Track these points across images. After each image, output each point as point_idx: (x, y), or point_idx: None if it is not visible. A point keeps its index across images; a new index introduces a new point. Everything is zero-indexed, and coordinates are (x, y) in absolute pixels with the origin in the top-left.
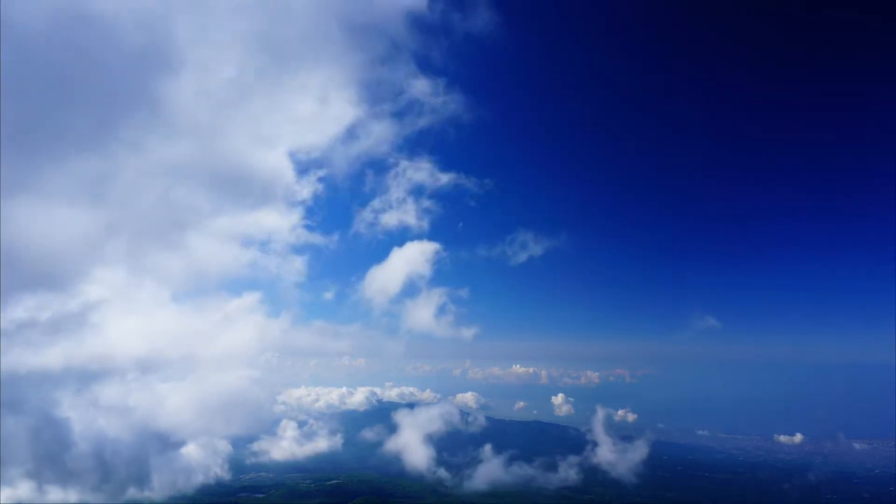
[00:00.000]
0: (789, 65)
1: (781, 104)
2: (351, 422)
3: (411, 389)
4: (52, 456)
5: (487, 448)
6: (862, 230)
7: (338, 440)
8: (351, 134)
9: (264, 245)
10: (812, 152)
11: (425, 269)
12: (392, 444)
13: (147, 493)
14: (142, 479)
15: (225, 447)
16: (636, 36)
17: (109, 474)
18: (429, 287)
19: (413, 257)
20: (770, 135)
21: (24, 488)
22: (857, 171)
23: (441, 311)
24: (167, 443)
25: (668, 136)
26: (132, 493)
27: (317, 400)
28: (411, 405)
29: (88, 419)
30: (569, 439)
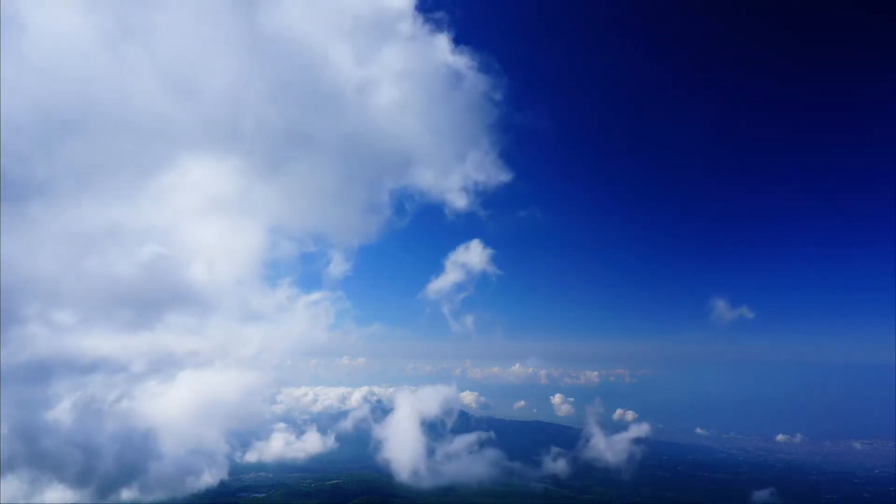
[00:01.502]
0: (811, 62)
1: (776, 104)
2: (351, 422)
3: (411, 389)
4: (49, 455)
5: (487, 447)
6: (862, 230)
7: (337, 440)
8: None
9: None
10: (806, 152)
11: (443, 275)
12: (390, 444)
13: (146, 493)
14: (141, 479)
15: (225, 447)
16: (657, 41)
17: (108, 474)
18: (439, 290)
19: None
20: (767, 132)
21: (21, 487)
22: (856, 170)
23: (449, 311)
24: (167, 442)
25: (665, 137)
26: (131, 492)
27: (316, 400)
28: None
29: (87, 418)
30: (568, 439)
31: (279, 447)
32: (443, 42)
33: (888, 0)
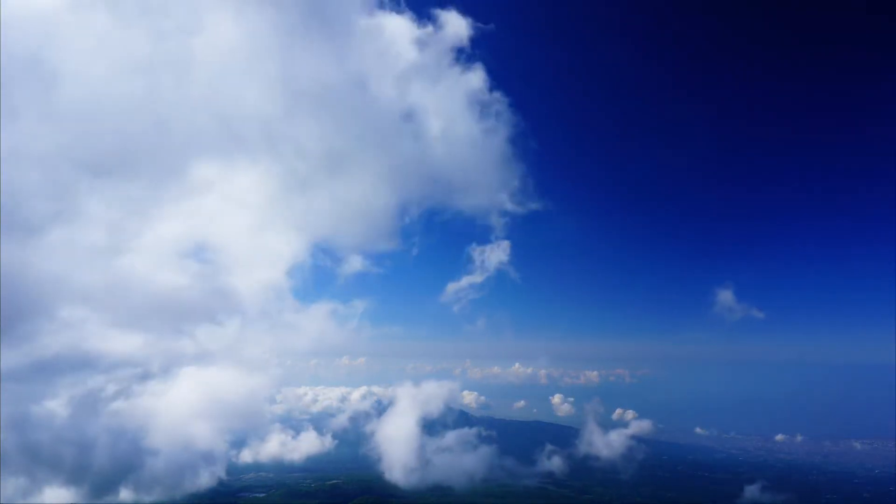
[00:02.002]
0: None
1: (781, 103)
2: (350, 421)
3: (413, 384)
4: (49, 455)
5: (486, 447)
6: (862, 230)
7: (337, 440)
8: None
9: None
10: (806, 153)
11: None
12: (390, 443)
13: (145, 492)
14: (140, 478)
15: (224, 447)
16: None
17: (107, 473)
18: (442, 293)
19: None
20: (770, 132)
21: (25, 484)
22: (856, 170)
23: (451, 313)
24: (166, 441)
25: (666, 137)
26: (131, 491)
27: (316, 400)
28: None
29: (89, 416)
30: (568, 438)
31: (279, 447)
32: (477, 79)
33: (888, 0)
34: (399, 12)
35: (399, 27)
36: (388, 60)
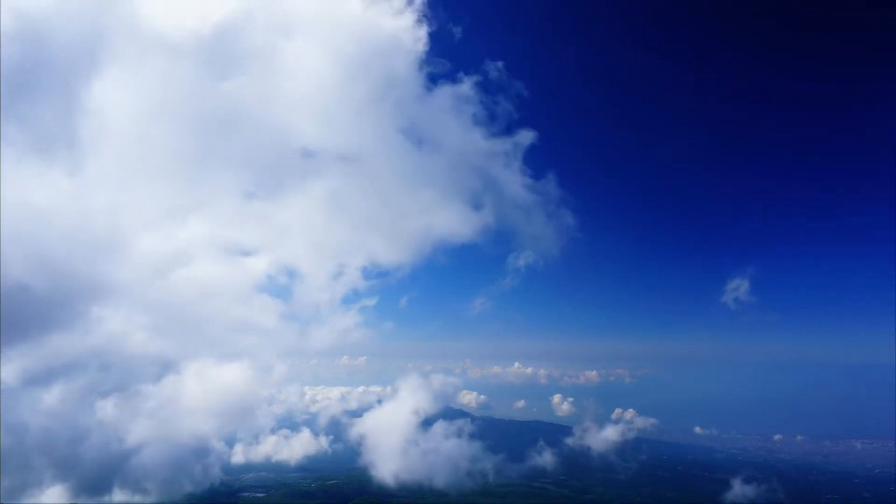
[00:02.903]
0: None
1: (779, 101)
2: (350, 421)
3: (418, 376)
4: (46, 452)
5: (486, 446)
6: (861, 229)
7: (337, 440)
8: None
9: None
10: (806, 153)
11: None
12: (388, 443)
13: (145, 493)
14: (140, 479)
15: (225, 447)
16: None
17: (107, 474)
18: (445, 294)
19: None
20: (767, 129)
21: (19, 484)
22: (857, 169)
23: (452, 313)
24: (167, 442)
25: (667, 136)
26: (131, 493)
27: (316, 399)
28: None
29: (87, 418)
30: (568, 438)
31: (279, 447)
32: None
33: None
34: (456, 77)
35: (454, 90)
36: (446, 117)
